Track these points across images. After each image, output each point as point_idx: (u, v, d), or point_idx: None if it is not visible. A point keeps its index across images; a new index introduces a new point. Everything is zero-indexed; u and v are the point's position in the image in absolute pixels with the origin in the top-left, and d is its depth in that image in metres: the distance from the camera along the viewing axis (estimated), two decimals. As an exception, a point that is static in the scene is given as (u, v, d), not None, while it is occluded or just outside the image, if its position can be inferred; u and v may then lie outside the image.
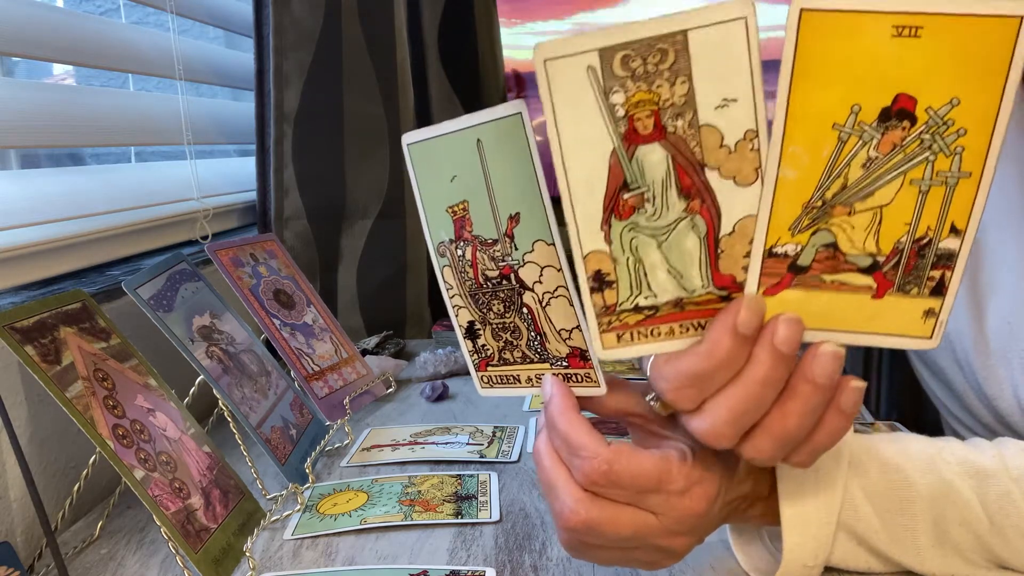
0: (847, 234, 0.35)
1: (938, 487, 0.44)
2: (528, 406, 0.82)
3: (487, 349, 0.45)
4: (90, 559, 0.57)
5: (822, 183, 0.34)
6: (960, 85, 0.32)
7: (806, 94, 0.33)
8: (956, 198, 0.34)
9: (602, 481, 0.39)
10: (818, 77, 0.33)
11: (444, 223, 0.43)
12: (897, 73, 0.32)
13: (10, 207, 0.69)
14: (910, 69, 0.32)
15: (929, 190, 0.34)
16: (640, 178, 0.35)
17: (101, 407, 0.53)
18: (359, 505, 0.61)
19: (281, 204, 1.12)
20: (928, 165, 0.34)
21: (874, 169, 0.34)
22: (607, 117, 0.34)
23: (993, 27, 0.31)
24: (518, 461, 0.69)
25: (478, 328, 0.45)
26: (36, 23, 0.75)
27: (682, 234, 0.36)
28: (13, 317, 0.52)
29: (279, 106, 1.09)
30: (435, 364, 0.94)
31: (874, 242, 0.35)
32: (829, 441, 0.38)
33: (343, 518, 0.59)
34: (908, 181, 0.34)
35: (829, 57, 0.32)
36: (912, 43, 0.32)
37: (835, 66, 0.32)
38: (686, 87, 0.33)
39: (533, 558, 0.53)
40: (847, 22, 0.32)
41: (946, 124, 0.33)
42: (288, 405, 0.74)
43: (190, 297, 0.70)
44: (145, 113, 0.94)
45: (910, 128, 0.33)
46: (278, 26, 1.08)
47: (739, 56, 0.32)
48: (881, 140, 0.33)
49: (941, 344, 0.58)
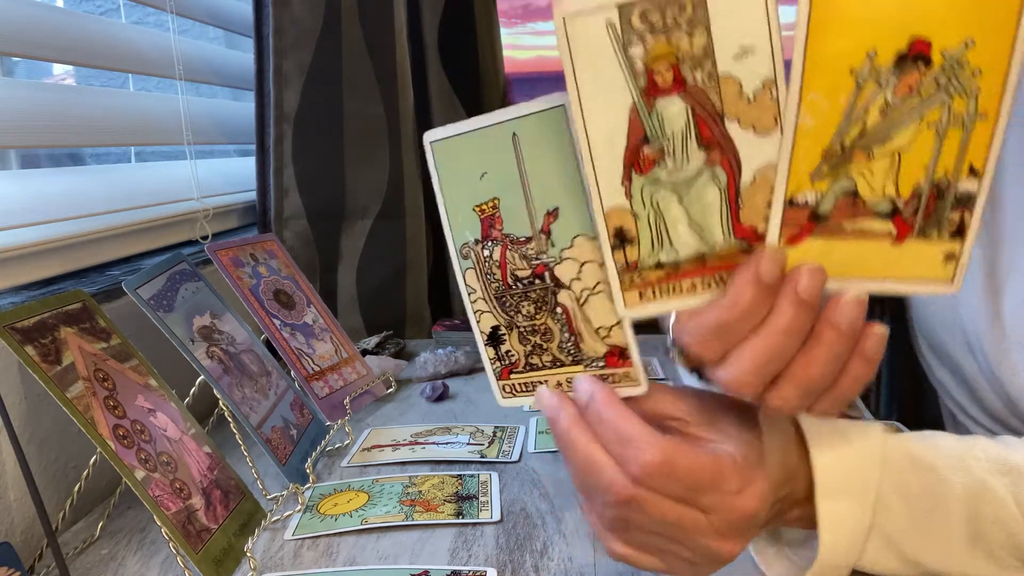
0: (866, 180, 0.35)
1: (971, 485, 0.43)
2: (528, 406, 0.82)
3: (512, 355, 0.44)
4: (91, 559, 0.57)
5: (841, 129, 0.34)
6: (974, 27, 0.32)
7: (823, 41, 0.33)
8: (973, 140, 0.34)
9: (657, 473, 0.38)
10: (834, 23, 0.33)
11: (470, 223, 0.42)
12: (911, 17, 0.33)
13: (10, 207, 0.69)
14: (924, 12, 0.32)
15: (947, 132, 0.34)
16: (660, 131, 0.35)
17: (102, 407, 0.53)
18: (360, 505, 0.61)
19: (281, 204, 1.12)
20: (945, 107, 0.34)
21: (892, 113, 0.34)
22: (627, 71, 0.34)
23: None
24: (519, 461, 0.69)
25: (503, 333, 0.44)
26: (36, 23, 0.75)
27: (703, 186, 0.36)
28: (13, 317, 0.52)
29: (279, 106, 1.09)
30: (435, 364, 0.94)
31: (894, 187, 0.35)
32: (853, 389, 0.38)
33: (344, 518, 0.59)
34: (926, 124, 0.34)
35: (844, 3, 0.33)
36: None
37: (851, 12, 0.33)
38: (704, 38, 0.33)
39: (534, 558, 0.53)
40: None
41: (961, 65, 0.33)
42: (288, 405, 0.74)
43: (190, 297, 0.70)
44: (145, 113, 0.94)
45: (926, 70, 0.33)
46: (278, 26, 1.08)
47: (756, 4, 0.33)
48: (898, 84, 0.34)
49: (954, 330, 0.58)
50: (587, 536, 0.56)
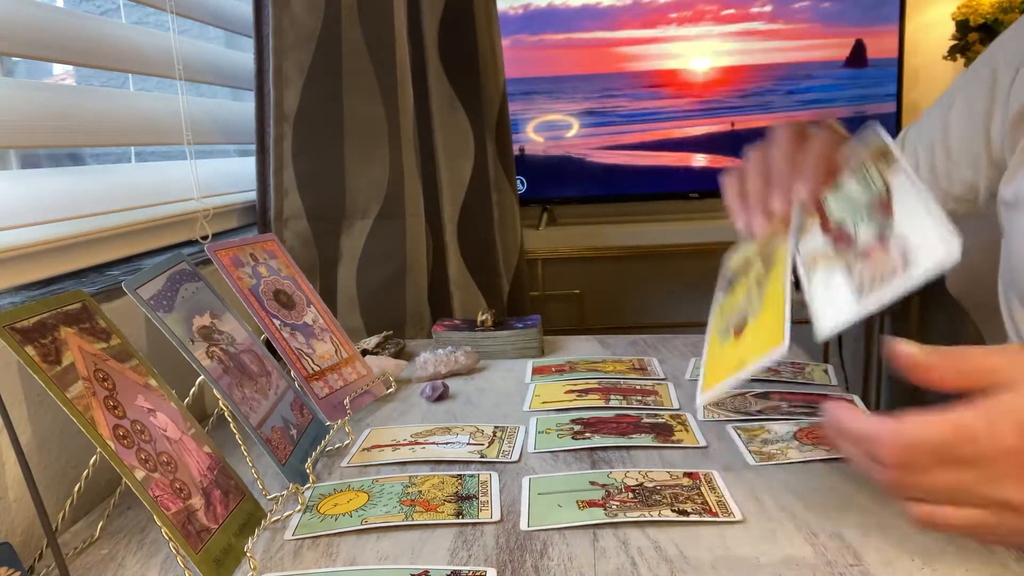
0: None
1: None
2: (528, 406, 0.82)
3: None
4: (91, 559, 0.57)
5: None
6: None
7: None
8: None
9: (904, 455, 0.40)
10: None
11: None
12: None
13: (10, 207, 0.69)
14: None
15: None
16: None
17: (102, 407, 0.53)
18: (360, 505, 0.61)
19: (281, 204, 1.12)
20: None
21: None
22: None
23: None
24: (519, 461, 0.69)
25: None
26: (36, 23, 0.75)
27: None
28: (13, 317, 0.52)
29: (279, 106, 1.09)
30: (435, 364, 0.94)
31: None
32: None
33: (344, 518, 0.59)
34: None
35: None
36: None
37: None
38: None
39: (534, 558, 0.53)
40: None
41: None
42: (288, 405, 0.74)
43: (190, 297, 0.70)
44: (145, 113, 0.94)
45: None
46: (278, 26, 1.08)
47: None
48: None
49: None
50: (587, 536, 0.56)
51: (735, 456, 0.67)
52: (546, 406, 0.82)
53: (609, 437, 0.71)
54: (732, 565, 0.51)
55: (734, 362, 0.53)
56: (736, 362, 0.52)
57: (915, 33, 1.91)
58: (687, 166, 1.99)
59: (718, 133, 1.96)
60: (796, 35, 1.90)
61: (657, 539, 0.54)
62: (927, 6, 1.93)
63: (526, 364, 0.97)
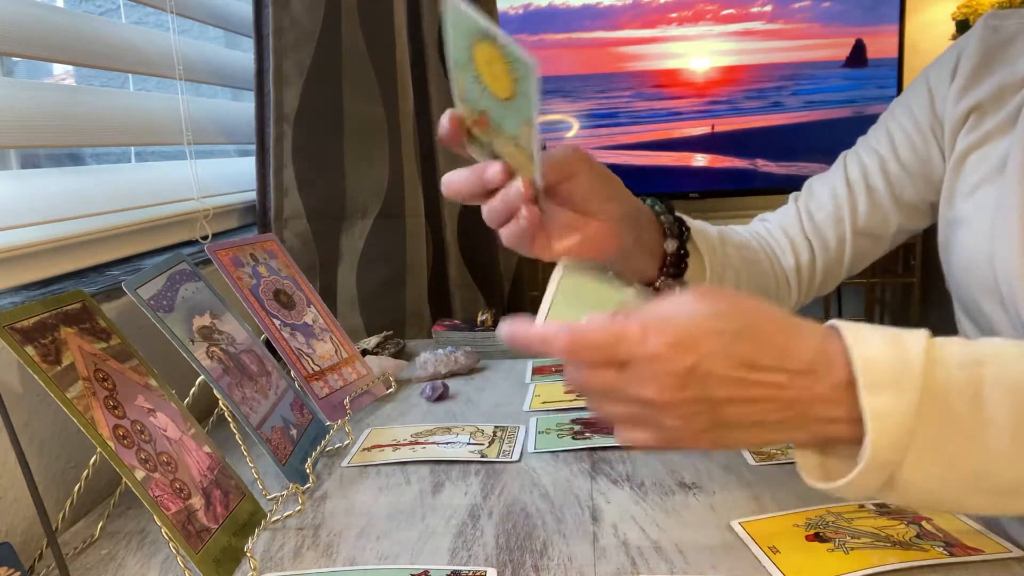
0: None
1: (1016, 377, 0.43)
2: (528, 406, 0.82)
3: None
4: (91, 559, 0.57)
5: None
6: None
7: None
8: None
9: (571, 350, 0.46)
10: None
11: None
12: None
13: (10, 207, 0.69)
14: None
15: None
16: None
17: (102, 407, 0.53)
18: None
19: (281, 204, 1.12)
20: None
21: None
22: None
23: None
24: (519, 461, 0.69)
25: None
26: (36, 23, 0.75)
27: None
28: (13, 317, 0.52)
29: (279, 106, 1.09)
30: (435, 364, 0.93)
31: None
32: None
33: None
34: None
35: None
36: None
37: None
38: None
39: (534, 558, 0.53)
40: None
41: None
42: (288, 405, 0.74)
43: (190, 297, 0.70)
44: (145, 113, 0.94)
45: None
46: (278, 26, 1.08)
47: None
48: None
49: (988, 287, 0.60)
50: (587, 536, 0.56)
51: (735, 456, 0.67)
52: (546, 406, 0.82)
53: (609, 437, 0.72)
54: (732, 565, 0.51)
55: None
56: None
57: (915, 33, 1.91)
58: (687, 166, 1.99)
59: (718, 133, 1.96)
60: (796, 35, 1.90)
61: (657, 539, 0.54)
62: (927, 6, 1.93)
63: (526, 364, 0.97)
